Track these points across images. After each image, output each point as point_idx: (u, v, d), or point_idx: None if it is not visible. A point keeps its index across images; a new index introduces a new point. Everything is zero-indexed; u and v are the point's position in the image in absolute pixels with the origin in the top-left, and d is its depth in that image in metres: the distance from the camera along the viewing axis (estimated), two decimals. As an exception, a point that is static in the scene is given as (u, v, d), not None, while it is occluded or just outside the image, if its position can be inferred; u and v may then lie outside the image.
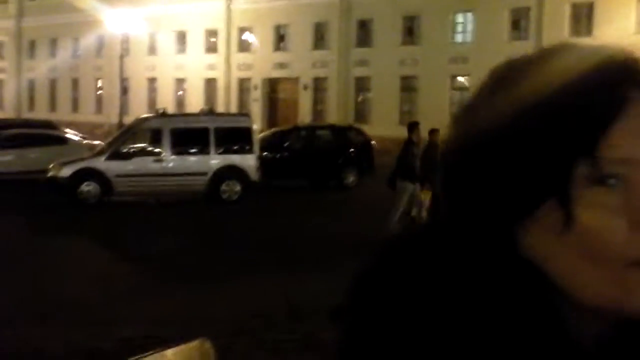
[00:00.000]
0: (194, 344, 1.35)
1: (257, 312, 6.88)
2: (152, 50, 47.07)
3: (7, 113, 48.49)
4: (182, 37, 45.53)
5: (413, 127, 12.48)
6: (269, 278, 8.32)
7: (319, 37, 40.26)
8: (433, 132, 12.36)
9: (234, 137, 17.60)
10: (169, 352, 1.31)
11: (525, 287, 0.73)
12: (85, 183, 16.45)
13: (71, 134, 22.81)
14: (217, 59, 44.28)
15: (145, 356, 1.33)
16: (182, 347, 1.33)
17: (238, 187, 17.28)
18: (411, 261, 0.77)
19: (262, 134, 21.80)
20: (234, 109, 41.38)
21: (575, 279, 0.72)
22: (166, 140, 17.09)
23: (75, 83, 51.20)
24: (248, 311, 7.05)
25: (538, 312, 0.73)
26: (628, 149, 0.71)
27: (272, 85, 42.72)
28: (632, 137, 0.71)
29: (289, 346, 5.83)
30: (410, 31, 36.67)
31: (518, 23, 33.44)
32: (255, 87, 42.67)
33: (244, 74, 43.33)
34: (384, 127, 31.83)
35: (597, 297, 0.72)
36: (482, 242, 0.74)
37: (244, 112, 28.20)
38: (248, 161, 17.43)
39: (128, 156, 16.96)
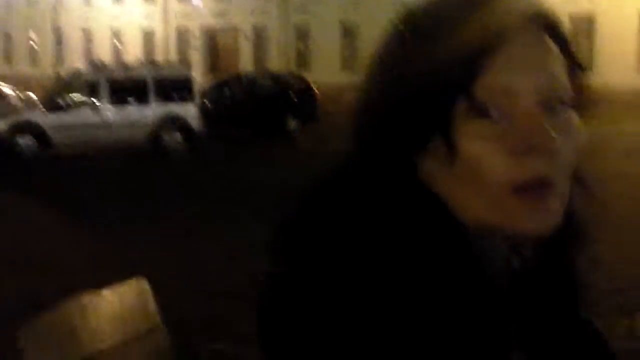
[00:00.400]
0: (130, 282, 1.35)
1: (202, 266, 6.90)
2: (86, 0, 45.68)
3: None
4: (117, -14, 44.27)
5: None
6: (217, 233, 8.31)
7: (258, -16, 39.60)
8: None
9: (174, 87, 17.37)
10: (105, 291, 1.31)
11: (428, 213, 0.77)
12: (22, 136, 16.06)
13: (4, 87, 22.14)
14: (155, 8, 43.24)
15: (82, 295, 1.32)
16: (118, 286, 1.33)
17: (179, 138, 17.12)
18: (332, 198, 0.80)
19: (202, 84, 21.53)
20: (173, 59, 40.65)
21: (463, 206, 0.77)
22: (104, 91, 16.76)
23: (6, 35, 49.46)
24: (194, 266, 7.07)
25: (442, 235, 0.77)
26: (504, 81, 0.74)
27: (211, 35, 42.00)
28: (509, 70, 0.75)
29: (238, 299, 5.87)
30: (350, -24, 36.36)
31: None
32: (195, 37, 41.92)
33: (182, 23, 42.46)
34: (325, 73, 31.72)
35: (482, 220, 0.77)
36: (388, 176, 0.78)
37: (183, 62, 27.71)
38: (189, 111, 17.26)
39: (65, 108, 16.58)
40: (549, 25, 0.79)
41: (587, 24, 30.06)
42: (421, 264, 0.75)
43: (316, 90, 21.71)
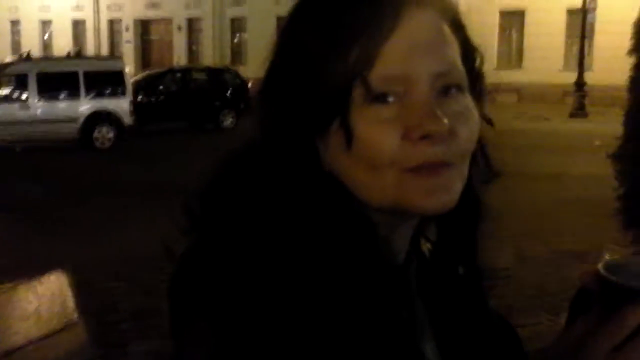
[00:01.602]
0: (48, 277, 1.33)
1: (130, 257, 6.82)
2: (13, -10, 44.34)
3: None
4: (45, -24, 43.07)
5: None
6: (142, 223, 8.21)
7: (192, -24, 39.09)
8: None
9: (106, 81, 16.99)
10: (22, 287, 1.28)
11: (329, 199, 0.78)
12: (-54, 131, 15.51)
13: None
14: (85, -1, 42.25)
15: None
16: (36, 281, 1.30)
17: (111, 133, 16.80)
18: (239, 178, 0.81)
19: (135, 77, 21.16)
20: (104, 51, 39.77)
21: (362, 189, 0.79)
22: (32, 85, 16.29)
23: None
24: (122, 256, 6.98)
25: (344, 219, 0.78)
26: (399, 66, 0.76)
27: (144, 27, 41.27)
28: (403, 55, 0.76)
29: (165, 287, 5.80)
30: (284, -30, 36.23)
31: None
32: (127, 29, 41.11)
33: (114, 15, 41.60)
34: (260, 68, 31.46)
35: (378, 200, 0.78)
36: (290, 160, 0.79)
37: (115, 55, 27.16)
38: (121, 105, 16.92)
39: (-9, 102, 16.07)
40: (444, 10, 0.80)
41: (517, 19, 30.67)
42: (324, 250, 0.75)
43: (250, 85, 21.61)
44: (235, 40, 38.53)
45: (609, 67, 21.48)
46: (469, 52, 0.83)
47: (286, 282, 0.72)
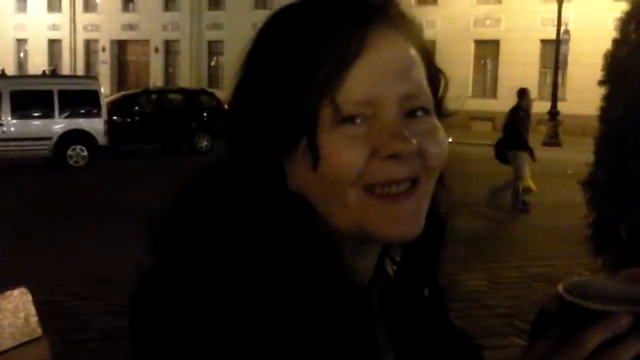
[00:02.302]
0: (10, 294, 1.31)
1: (101, 277, 6.76)
2: (-11, 8, 44.14)
3: None
4: (22, -5, 42.94)
5: (524, 93, 11.46)
6: (113, 243, 8.15)
7: (170, -1, 39.23)
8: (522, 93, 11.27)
9: (81, 101, 16.92)
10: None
11: (292, 219, 0.78)
12: None
13: None
14: (61, 18, 42.17)
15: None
16: (0, 295, 1.29)
17: (85, 152, 16.70)
18: (206, 197, 0.81)
19: (111, 98, 21.09)
20: (80, 71, 39.66)
21: (327, 209, 0.79)
22: (5, 103, 16.16)
23: None
24: (92, 276, 6.92)
25: (307, 242, 0.77)
26: (366, 90, 0.76)
27: (121, 48, 41.26)
28: (370, 78, 0.76)
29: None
30: (262, -5, 36.47)
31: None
32: (103, 49, 41.07)
33: (90, 35, 41.55)
34: (237, 91, 31.52)
35: (344, 223, 0.78)
36: (256, 180, 0.79)
37: (90, 75, 27.09)
38: (95, 125, 16.84)
39: (-36, 120, 15.91)
40: (410, 34, 0.81)
41: (492, 49, 31.10)
42: (284, 272, 0.75)
43: (227, 107, 21.57)
44: (213, 63, 38.65)
45: (581, 97, 21.84)
46: (434, 75, 0.83)
47: (245, 306, 0.72)
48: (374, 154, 0.76)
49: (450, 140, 0.82)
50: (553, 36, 25.06)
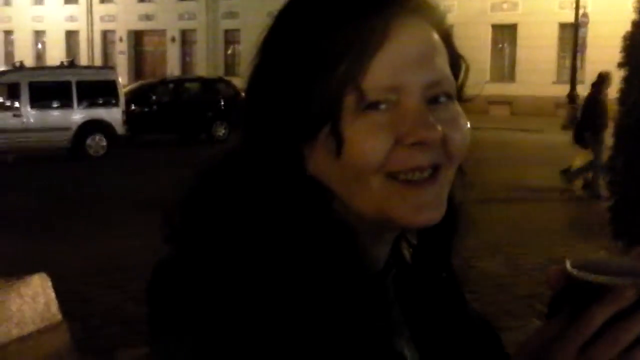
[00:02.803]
0: (31, 279, 1.32)
1: (118, 266, 6.83)
2: (6, 0, 44.35)
3: None
4: (39, -13, 43.15)
5: (605, 78, 11.03)
6: (133, 233, 8.21)
7: (186, -12, 39.24)
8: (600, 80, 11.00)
9: (99, 91, 17.01)
10: (4, 288, 1.28)
11: (311, 204, 0.78)
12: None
13: None
14: (78, 9, 42.31)
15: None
16: (18, 283, 1.30)
17: (104, 142, 16.80)
18: (221, 185, 0.81)
19: (128, 87, 21.17)
20: (98, 62, 39.82)
21: (348, 195, 0.79)
22: (24, 94, 16.28)
23: None
24: (112, 264, 6.99)
25: (324, 228, 0.77)
26: (391, 76, 0.76)
27: (138, 38, 41.35)
28: (395, 64, 0.76)
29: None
30: (278, -18, 36.34)
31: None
32: (120, 40, 41.19)
33: (107, 26, 41.67)
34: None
35: (366, 209, 0.78)
36: (275, 166, 0.78)
37: (108, 65, 27.20)
38: (114, 115, 16.94)
39: (-16, 111, 16.06)
40: (433, 19, 0.80)
41: (510, 33, 30.85)
42: (301, 257, 0.75)
43: (243, 95, 21.56)
44: (229, 52, 38.64)
45: (600, 80, 21.57)
46: (455, 60, 0.83)
47: (264, 290, 0.72)
48: (398, 141, 0.76)
49: (468, 125, 0.81)
50: (571, 19, 24.80)
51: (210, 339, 0.71)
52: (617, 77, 6.01)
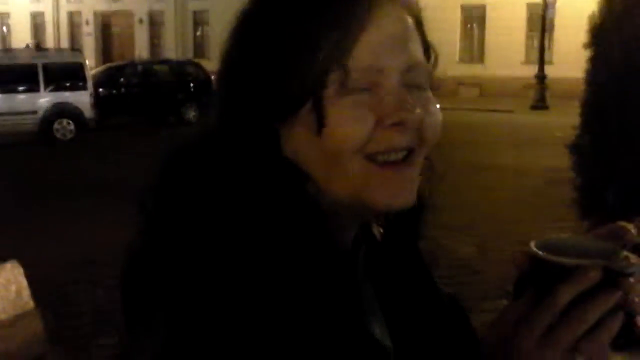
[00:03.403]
0: (5, 266, 1.32)
1: (88, 253, 6.77)
2: (-31, -19, 43.48)
3: None
4: (2, -32, 42.28)
5: None
6: (102, 219, 8.14)
7: (153, -31, 38.73)
8: None
9: (66, 74, 16.78)
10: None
11: (285, 185, 0.78)
12: None
13: None
14: (44, -9, 41.59)
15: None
16: (-11, 271, 1.29)
17: (72, 126, 16.60)
18: (193, 166, 0.80)
19: (96, 70, 20.92)
20: (64, 45, 39.21)
21: (325, 176, 0.79)
22: (-11, 78, 16.02)
23: None
24: (83, 252, 6.93)
25: (295, 209, 0.78)
26: (373, 58, 0.77)
27: (105, 20, 40.78)
28: (376, 46, 0.78)
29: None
30: (247, -37, 36.05)
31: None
32: (87, 22, 40.58)
33: (73, 7, 41.01)
34: (223, 61, 31.26)
35: (342, 191, 0.79)
36: (250, 145, 0.78)
37: (74, 48, 26.79)
38: (82, 98, 16.74)
39: (-52, 97, 15.77)
40: (410, 6, 0.82)
41: (478, 14, 30.95)
42: (272, 237, 0.75)
43: (214, 78, 21.40)
44: (198, 34, 38.29)
45: (568, 60, 21.78)
46: (427, 48, 0.85)
47: (236, 275, 0.72)
48: (379, 121, 0.77)
49: (439, 111, 0.83)
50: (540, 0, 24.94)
51: (184, 325, 0.71)
52: (585, 57, 6.07)
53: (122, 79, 20.20)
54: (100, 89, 18.61)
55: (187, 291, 0.72)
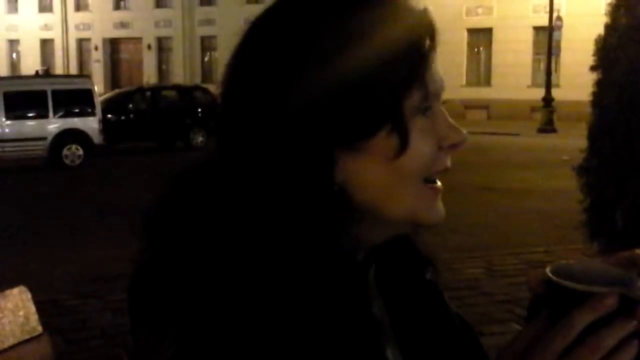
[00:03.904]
0: (10, 292, 1.32)
1: (100, 276, 6.79)
2: (-20, 9, 43.96)
3: None
4: (13, -4, 42.78)
5: None
6: (111, 242, 8.16)
7: (161, -5, 39.13)
8: None
9: (75, 100, 16.89)
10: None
11: (329, 221, 0.76)
12: None
13: None
14: (53, 18, 42.01)
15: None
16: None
17: (81, 152, 16.68)
18: (202, 188, 0.79)
19: (105, 96, 21.06)
20: (73, 71, 39.56)
21: (384, 201, 0.79)
22: (0, 105, 16.13)
23: None
24: (91, 275, 6.95)
25: (332, 257, 0.76)
26: (438, 82, 0.80)
27: (113, 46, 41.15)
28: (437, 72, 0.81)
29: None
30: (254, -11, 36.38)
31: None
32: (96, 48, 40.95)
33: (82, 34, 41.42)
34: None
35: (399, 212, 0.80)
36: (302, 172, 0.75)
37: (83, 74, 27.02)
38: (90, 124, 16.83)
39: (-42, 122, 15.90)
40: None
41: (485, 37, 31.07)
42: (285, 260, 0.74)
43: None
44: (206, 59, 38.57)
45: (575, 82, 21.84)
46: None
47: (245, 291, 0.72)
48: (439, 144, 0.80)
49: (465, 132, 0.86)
50: (545, 23, 25.05)
51: (192, 341, 0.71)
52: (591, 80, 6.09)
53: (130, 105, 20.32)
54: (110, 115, 18.72)
55: (193, 309, 0.72)
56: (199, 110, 20.40)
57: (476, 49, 31.65)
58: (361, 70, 0.75)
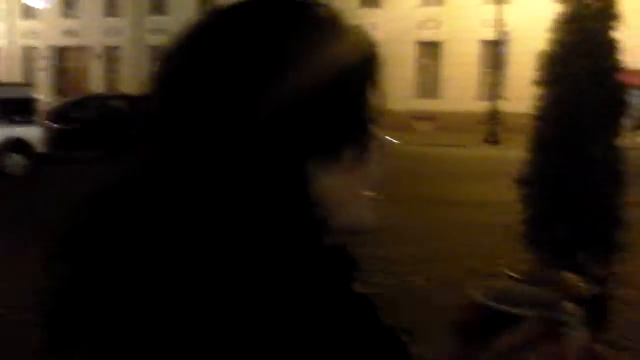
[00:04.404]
0: None
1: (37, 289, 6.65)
2: None
3: None
4: (-44, 1, 41.86)
5: None
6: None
7: (110, 4, 38.68)
8: None
9: (16, 108, 16.54)
10: None
11: (308, 230, 0.76)
12: None
13: None
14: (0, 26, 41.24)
15: None
16: None
17: (23, 161, 16.35)
18: (130, 202, 0.78)
19: (52, 105, 20.74)
20: (19, 79, 38.83)
21: (339, 210, 0.79)
22: (-60, 112, 15.73)
23: None
24: (29, 288, 6.80)
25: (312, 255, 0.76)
26: (383, 104, 0.84)
27: (61, 54, 40.53)
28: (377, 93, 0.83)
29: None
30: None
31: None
32: (43, 57, 40.28)
33: (29, 42, 40.71)
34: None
35: (346, 221, 0.80)
36: (267, 180, 0.74)
37: (25, 82, 26.53)
38: (33, 133, 16.51)
39: None
40: None
41: (433, 50, 31.51)
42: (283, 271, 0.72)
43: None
44: (155, 68, 38.23)
45: (520, 95, 22.24)
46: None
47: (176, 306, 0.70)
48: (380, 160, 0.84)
49: (397, 141, 0.91)
50: (492, 36, 25.53)
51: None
52: (536, 93, 6.19)
53: (77, 113, 20.04)
54: (56, 124, 18.42)
55: (117, 334, 0.70)
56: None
57: (425, 62, 32.07)
58: (345, 88, 0.77)
